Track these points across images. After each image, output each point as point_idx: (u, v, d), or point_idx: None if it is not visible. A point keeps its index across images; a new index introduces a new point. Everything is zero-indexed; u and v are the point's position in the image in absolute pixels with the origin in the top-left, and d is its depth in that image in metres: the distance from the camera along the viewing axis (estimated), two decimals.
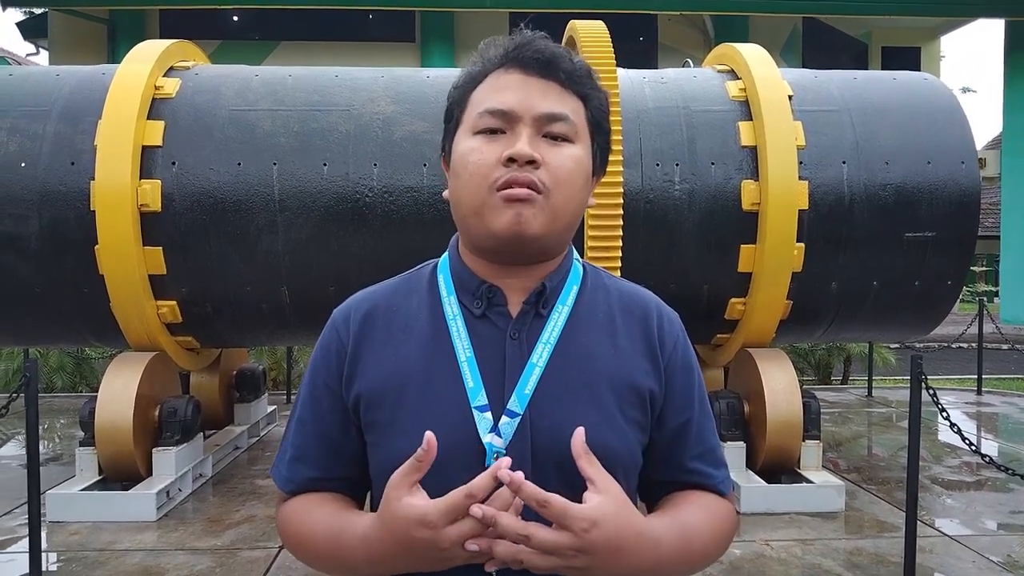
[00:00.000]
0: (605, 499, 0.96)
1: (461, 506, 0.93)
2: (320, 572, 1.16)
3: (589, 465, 0.97)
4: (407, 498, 0.96)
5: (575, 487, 1.02)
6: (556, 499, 0.93)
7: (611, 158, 4.41)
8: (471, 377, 1.07)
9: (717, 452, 1.22)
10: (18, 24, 17.70)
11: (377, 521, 1.01)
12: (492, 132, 1.07)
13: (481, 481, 0.93)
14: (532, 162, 1.04)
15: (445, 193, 1.15)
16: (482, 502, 0.94)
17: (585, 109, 1.11)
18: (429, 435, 0.95)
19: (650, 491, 1.21)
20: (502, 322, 1.11)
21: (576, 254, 1.21)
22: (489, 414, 1.05)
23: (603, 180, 4.51)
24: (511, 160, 1.03)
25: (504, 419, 1.05)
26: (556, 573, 0.96)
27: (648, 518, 1.06)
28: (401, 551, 0.98)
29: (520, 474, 0.93)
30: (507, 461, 0.95)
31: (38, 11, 16.91)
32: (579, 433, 0.98)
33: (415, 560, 0.98)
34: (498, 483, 0.94)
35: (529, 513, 0.96)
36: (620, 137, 4.39)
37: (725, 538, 1.17)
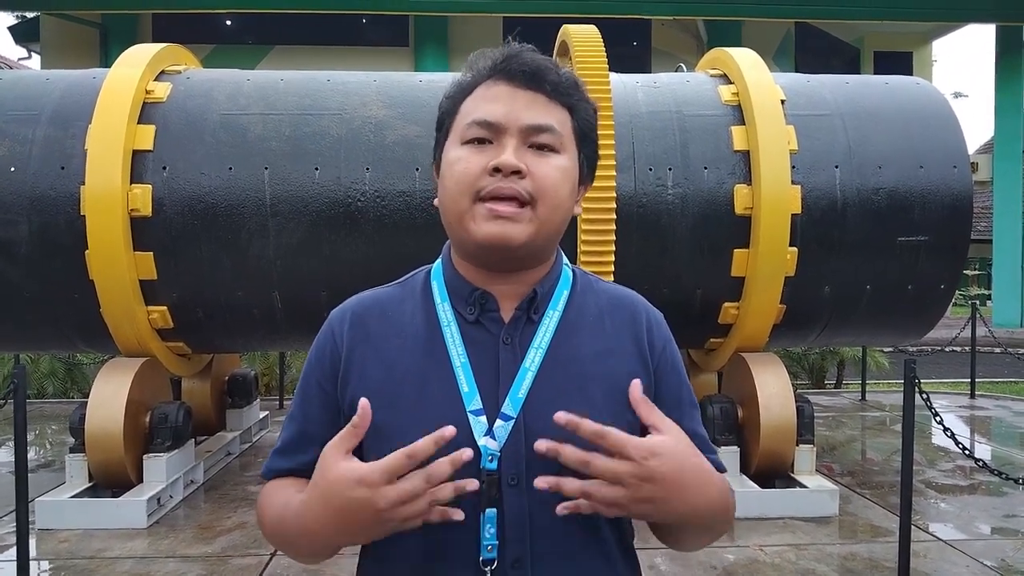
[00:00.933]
0: (666, 437, 1.01)
1: (401, 466, 0.95)
2: (294, 559, 1.18)
3: (649, 413, 1.03)
4: (343, 461, 0.98)
5: None
6: (613, 431, 0.98)
7: (604, 163, 4.38)
8: (465, 382, 1.10)
9: (708, 441, 1.25)
10: (10, 28, 17.62)
11: (311, 488, 1.02)
12: (479, 142, 1.09)
13: (422, 444, 0.95)
14: (517, 172, 1.07)
15: (436, 200, 1.18)
16: (422, 466, 0.96)
17: (572, 120, 1.14)
18: (364, 402, 0.99)
19: None
20: (495, 327, 1.14)
21: (565, 259, 1.24)
22: (484, 418, 1.08)
23: (596, 185, 4.51)
24: (496, 170, 1.06)
25: (498, 422, 1.08)
26: (622, 515, 1.01)
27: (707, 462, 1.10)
28: (334, 515, 0.99)
29: (572, 417, 0.98)
30: (451, 430, 0.97)
31: (30, 15, 16.85)
32: (636, 385, 1.04)
33: (348, 524, 0.99)
34: (439, 447, 0.96)
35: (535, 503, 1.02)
36: (613, 142, 4.39)
37: (732, 510, 1.21)
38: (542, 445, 0.97)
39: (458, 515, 0.98)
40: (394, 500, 0.95)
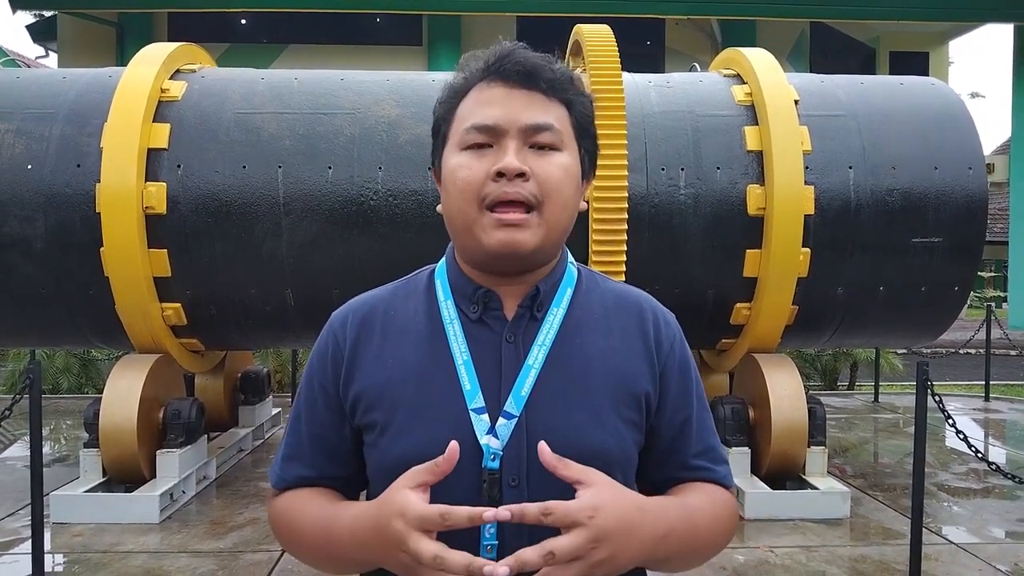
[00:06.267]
0: (596, 488, 0.97)
1: (433, 520, 0.94)
2: (316, 569, 1.19)
3: (566, 469, 0.98)
4: (407, 490, 0.97)
5: (570, 487, 1.04)
6: (555, 503, 0.94)
7: (616, 163, 4.37)
8: (468, 380, 1.09)
9: (718, 450, 1.23)
10: (28, 27, 17.78)
11: (373, 505, 1.03)
12: (479, 147, 1.08)
13: (460, 515, 0.93)
14: (521, 175, 1.05)
15: (439, 207, 1.17)
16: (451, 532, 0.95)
17: (569, 115, 1.12)
18: (453, 445, 0.97)
19: (652, 493, 1.21)
20: (498, 325, 1.13)
21: (571, 257, 1.22)
22: (486, 416, 1.07)
23: (608, 185, 4.50)
24: (500, 174, 1.05)
25: (501, 421, 1.07)
26: None
27: (644, 496, 1.08)
28: (376, 539, 0.99)
29: (514, 508, 0.93)
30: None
31: (48, 14, 16.99)
32: (543, 448, 0.98)
33: (383, 553, 0.99)
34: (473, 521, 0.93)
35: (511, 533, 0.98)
36: (625, 141, 4.39)
37: (728, 523, 1.18)
38: (502, 569, 0.91)
39: None
40: (414, 552, 0.93)
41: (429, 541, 0.94)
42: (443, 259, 1.22)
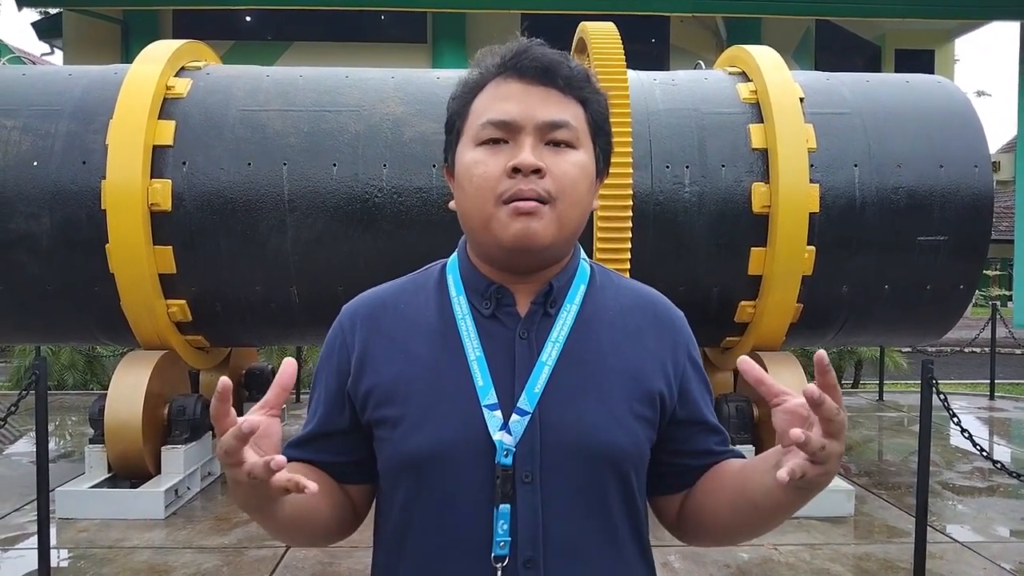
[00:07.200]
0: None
1: (236, 428, 0.97)
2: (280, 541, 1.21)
3: (773, 383, 1.04)
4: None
5: (583, 484, 1.07)
6: (822, 393, 0.95)
7: (621, 160, 4.36)
8: (481, 376, 1.09)
9: (727, 438, 1.26)
10: (33, 24, 17.84)
11: None
12: (495, 143, 1.07)
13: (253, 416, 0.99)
14: (537, 171, 1.05)
15: (451, 204, 1.16)
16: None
17: (585, 113, 1.12)
18: (288, 361, 1.00)
19: (672, 480, 1.22)
20: (511, 322, 1.13)
21: (584, 254, 1.22)
22: (499, 412, 1.07)
23: (613, 182, 4.49)
24: (516, 170, 1.04)
25: (514, 417, 1.07)
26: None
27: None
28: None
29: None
30: (226, 383, 1.00)
31: (53, 11, 17.03)
32: (744, 359, 1.04)
33: (235, 492, 1.02)
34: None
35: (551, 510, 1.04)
36: (630, 139, 4.38)
37: None
38: (799, 434, 0.93)
39: (311, 488, 0.96)
40: (221, 457, 0.98)
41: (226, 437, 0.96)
42: (454, 254, 1.21)
